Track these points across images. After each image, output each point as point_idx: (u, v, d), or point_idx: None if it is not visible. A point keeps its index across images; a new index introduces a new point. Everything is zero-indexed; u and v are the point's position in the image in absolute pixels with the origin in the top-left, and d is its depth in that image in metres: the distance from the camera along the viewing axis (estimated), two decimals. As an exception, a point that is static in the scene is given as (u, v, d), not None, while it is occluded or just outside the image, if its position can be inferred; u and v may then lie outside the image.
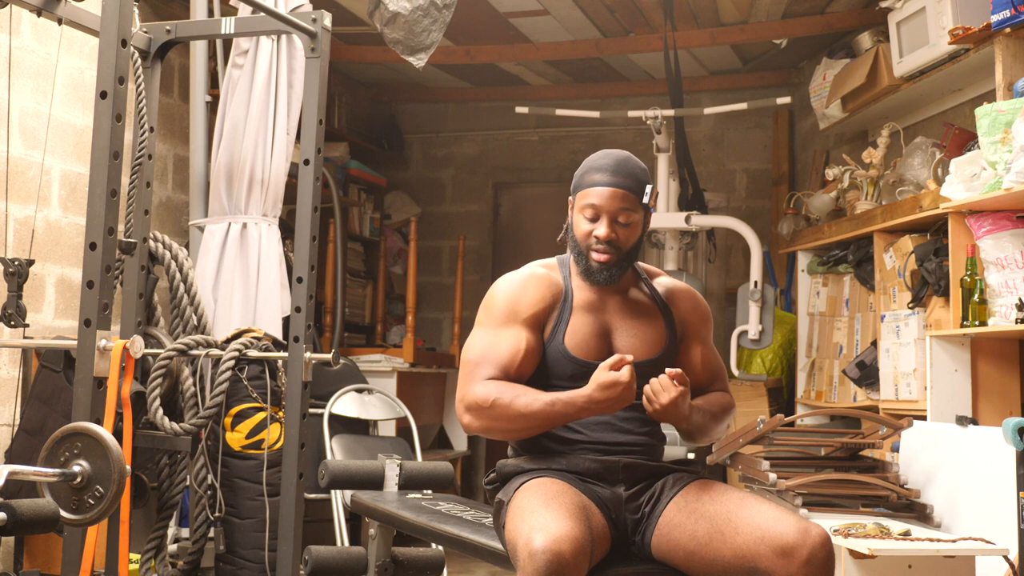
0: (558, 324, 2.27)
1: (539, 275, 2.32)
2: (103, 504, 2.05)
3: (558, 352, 2.25)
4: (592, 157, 2.33)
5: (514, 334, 2.23)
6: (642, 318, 2.33)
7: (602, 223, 2.27)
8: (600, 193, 2.26)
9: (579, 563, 1.91)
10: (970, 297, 3.40)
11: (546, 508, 1.99)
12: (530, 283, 2.30)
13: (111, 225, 2.78)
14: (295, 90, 3.98)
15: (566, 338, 2.26)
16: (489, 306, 2.30)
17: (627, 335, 2.30)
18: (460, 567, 4.67)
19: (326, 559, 2.87)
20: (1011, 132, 3.16)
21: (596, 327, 2.28)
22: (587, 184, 2.29)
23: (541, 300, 2.27)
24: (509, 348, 2.22)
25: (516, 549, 1.95)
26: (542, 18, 5.35)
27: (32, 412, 3.59)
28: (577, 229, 2.30)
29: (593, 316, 2.29)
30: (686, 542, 2.13)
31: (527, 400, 2.15)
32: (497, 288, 2.33)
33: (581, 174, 2.32)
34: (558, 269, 2.37)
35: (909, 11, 4.20)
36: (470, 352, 2.26)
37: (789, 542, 2.00)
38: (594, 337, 2.27)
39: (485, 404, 2.16)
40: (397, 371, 5.05)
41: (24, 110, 3.93)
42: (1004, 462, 2.83)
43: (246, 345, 3.41)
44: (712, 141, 6.51)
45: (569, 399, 2.14)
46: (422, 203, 6.87)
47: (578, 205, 2.30)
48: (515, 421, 2.16)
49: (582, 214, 2.29)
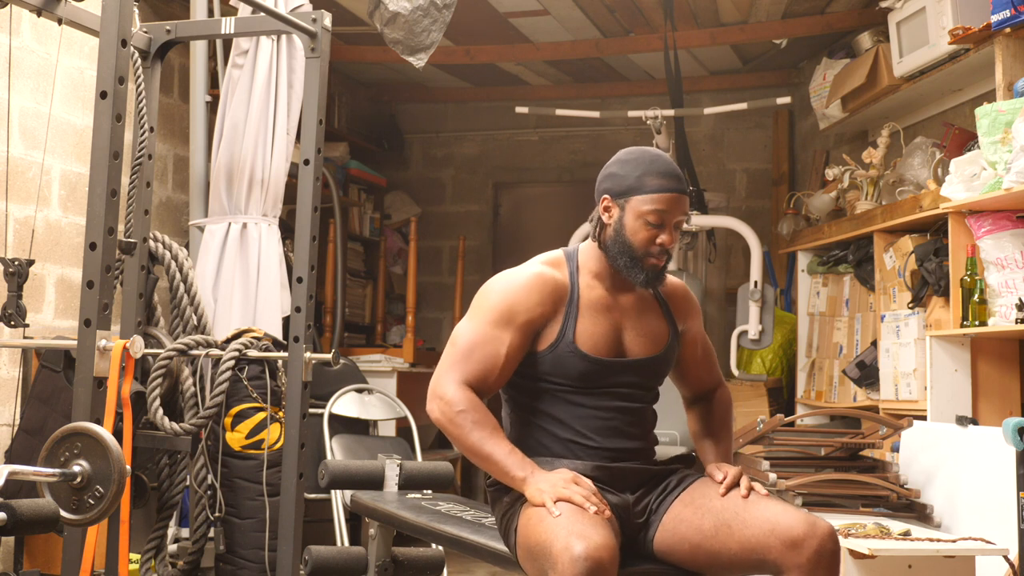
0: (566, 324, 2.23)
1: (543, 277, 2.25)
2: (103, 504, 2.05)
3: (569, 351, 2.21)
4: (638, 158, 2.25)
5: (502, 338, 2.19)
6: (648, 315, 2.32)
7: (666, 230, 2.21)
8: (667, 200, 2.19)
9: (615, 569, 1.93)
10: (970, 297, 3.40)
11: (580, 514, 2.00)
12: (532, 285, 2.23)
13: (111, 225, 2.78)
14: (295, 90, 3.98)
15: (577, 337, 2.22)
16: (485, 299, 2.25)
17: (636, 333, 2.28)
18: (460, 567, 4.67)
19: (326, 559, 2.87)
20: (1011, 132, 3.16)
21: (607, 325, 2.25)
22: (649, 189, 2.20)
23: (539, 304, 2.22)
24: (492, 353, 2.18)
25: (552, 553, 1.94)
26: (542, 18, 5.35)
27: (32, 412, 3.59)
28: (634, 235, 2.21)
29: (603, 314, 2.26)
30: (691, 536, 2.14)
31: (480, 436, 2.12)
32: (497, 284, 2.27)
33: (636, 176, 2.21)
34: (564, 265, 2.30)
35: (909, 11, 4.20)
36: (456, 340, 2.22)
37: (798, 534, 2.02)
38: (605, 335, 2.24)
39: (448, 411, 2.15)
40: (397, 371, 5.05)
41: (24, 110, 3.93)
42: (1004, 462, 2.82)
43: (246, 345, 3.41)
44: (712, 141, 6.51)
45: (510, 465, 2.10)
46: (422, 203, 6.87)
47: (636, 210, 2.20)
48: (462, 445, 2.16)
49: (642, 219, 2.20)
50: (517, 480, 2.10)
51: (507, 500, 2.24)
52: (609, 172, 2.28)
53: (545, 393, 2.26)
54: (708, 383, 2.48)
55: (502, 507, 2.25)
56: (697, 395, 2.49)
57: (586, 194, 7.16)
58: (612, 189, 2.25)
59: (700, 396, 2.48)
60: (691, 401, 2.50)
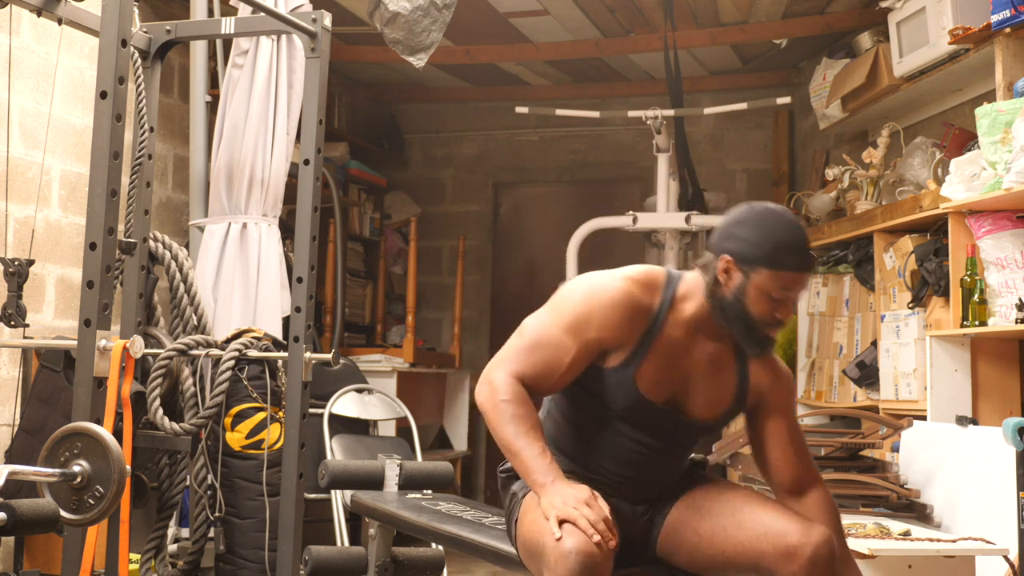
0: (634, 356, 2.12)
1: (632, 300, 2.11)
2: (103, 504, 2.05)
3: (625, 383, 2.13)
4: (771, 225, 2.08)
5: (569, 348, 2.09)
6: (720, 375, 2.19)
7: (786, 305, 2.09)
8: (797, 280, 2.07)
9: (608, 566, 1.91)
10: (970, 297, 3.40)
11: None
12: (617, 305, 2.10)
13: (111, 225, 2.78)
14: (295, 90, 3.98)
15: (638, 374, 2.12)
16: (567, 300, 2.15)
17: (698, 392, 2.17)
18: (460, 567, 4.67)
19: (326, 559, 2.87)
20: (1011, 132, 3.16)
21: (672, 374, 2.14)
22: (781, 266, 2.05)
23: (617, 328, 2.10)
24: (555, 359, 2.10)
25: (544, 548, 1.93)
26: (542, 18, 5.35)
27: (32, 412, 3.59)
28: (754, 305, 2.07)
29: (675, 361, 2.14)
30: (689, 538, 2.14)
31: (516, 430, 2.05)
32: (583, 288, 2.15)
33: (768, 248, 2.05)
34: (659, 292, 2.15)
35: (909, 11, 4.20)
36: (524, 332, 2.14)
37: (792, 541, 2.01)
38: (667, 383, 2.15)
39: (493, 398, 2.08)
40: (397, 371, 5.05)
41: (24, 110, 3.93)
42: (1004, 462, 2.82)
43: (246, 345, 3.41)
44: (712, 141, 6.51)
45: (535, 468, 2.02)
46: (422, 203, 6.87)
47: (761, 283, 2.06)
48: (497, 434, 2.09)
49: (767, 293, 2.07)
50: (537, 484, 2.02)
51: (515, 488, 2.23)
52: (734, 232, 2.10)
53: (587, 406, 2.20)
54: (797, 477, 2.25)
55: (509, 495, 2.24)
56: (787, 489, 2.26)
57: (586, 194, 7.18)
58: (737, 253, 2.08)
59: (790, 491, 2.25)
60: (781, 493, 2.27)
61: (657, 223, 4.95)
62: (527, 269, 6.71)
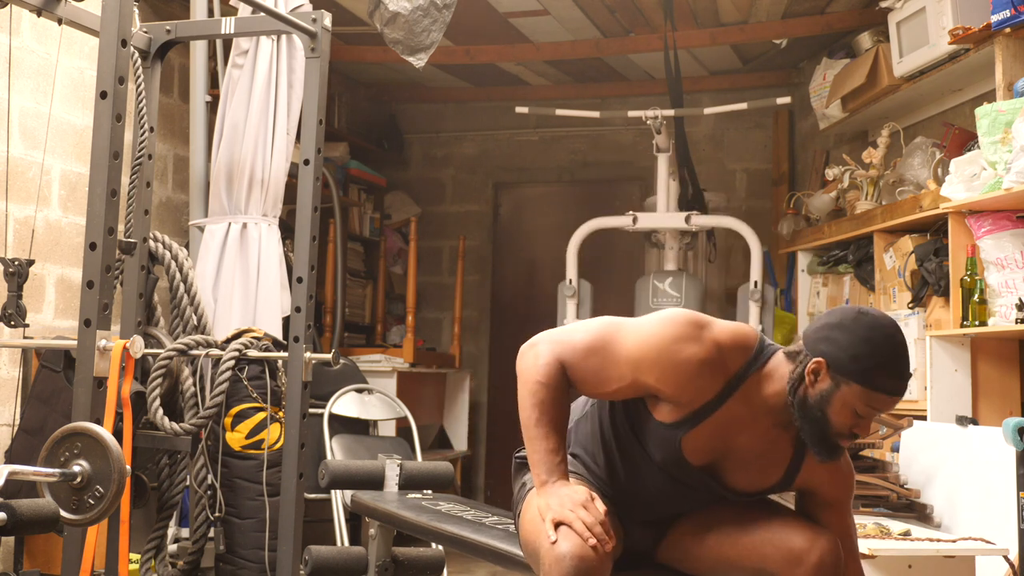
0: (688, 420, 2.01)
1: (710, 369, 1.98)
2: (103, 504, 2.05)
3: (669, 441, 2.04)
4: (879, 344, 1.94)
5: (622, 376, 2.02)
6: (770, 456, 2.09)
7: (868, 422, 1.99)
8: (889, 403, 1.96)
9: (604, 569, 1.89)
10: (970, 297, 3.40)
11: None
12: (692, 371, 1.97)
13: (111, 225, 2.78)
14: (295, 90, 3.98)
15: (686, 438, 2.02)
16: (652, 329, 2.03)
17: (742, 467, 2.08)
18: (460, 567, 4.67)
19: (326, 559, 2.88)
20: (1011, 132, 3.16)
21: (720, 446, 2.05)
22: (877, 388, 1.93)
23: (678, 389, 1.99)
24: (604, 375, 2.03)
25: (540, 550, 1.92)
26: (542, 18, 5.35)
27: (32, 412, 3.59)
28: (836, 416, 1.96)
29: (728, 433, 2.04)
30: (693, 543, 2.13)
31: (539, 416, 2.00)
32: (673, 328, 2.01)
33: (871, 367, 1.92)
34: (742, 361, 2.02)
35: (909, 11, 4.20)
36: (593, 329, 2.07)
37: (797, 547, 1.99)
38: (712, 452, 2.05)
39: (533, 373, 2.03)
40: (397, 371, 5.05)
41: (24, 110, 3.93)
42: (1004, 462, 2.82)
43: (246, 345, 3.41)
44: (712, 141, 6.50)
45: (542, 462, 1.98)
46: (422, 203, 6.87)
47: (851, 398, 1.94)
48: (522, 409, 2.03)
49: (853, 408, 1.95)
50: (539, 480, 1.99)
51: (524, 479, 2.21)
52: (835, 337, 1.96)
53: (625, 437, 2.13)
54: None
55: (518, 484, 2.23)
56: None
57: (586, 194, 7.17)
58: (834, 360, 1.95)
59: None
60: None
61: (657, 223, 4.95)
62: (527, 269, 6.71)
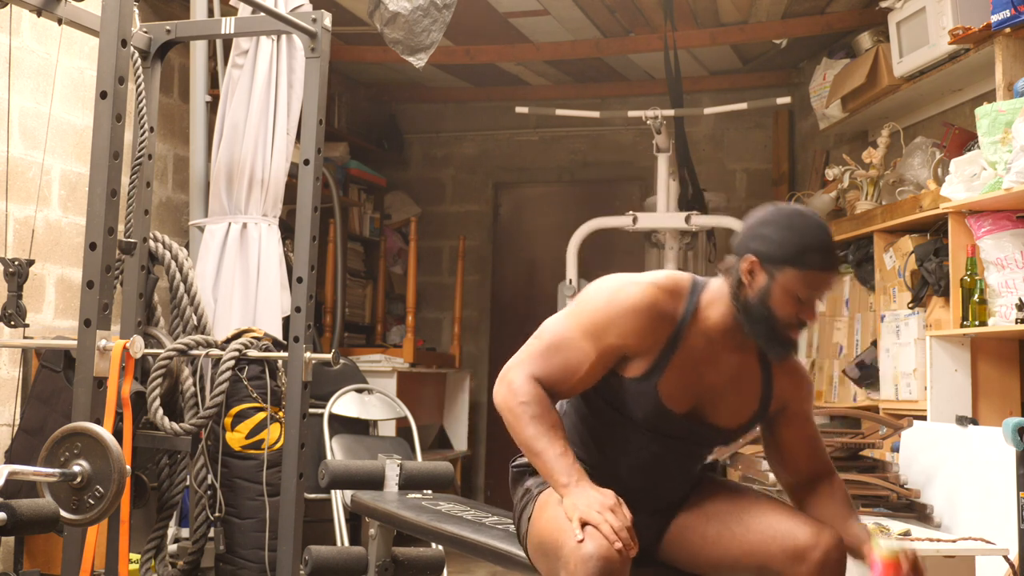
0: (656, 365, 2.08)
1: (656, 308, 2.07)
2: (103, 504, 2.05)
3: (646, 393, 2.09)
4: (797, 226, 2.04)
5: (588, 352, 2.06)
6: (744, 384, 2.16)
7: (811, 306, 2.05)
8: (823, 280, 2.04)
9: (626, 572, 1.90)
10: (970, 297, 3.40)
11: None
12: (640, 315, 2.06)
13: (111, 225, 2.78)
14: (295, 90, 3.98)
15: (662, 384, 2.08)
16: (589, 304, 2.11)
17: (722, 401, 2.14)
18: (460, 567, 4.67)
19: (326, 559, 2.88)
20: (1011, 132, 3.16)
21: (696, 383, 2.11)
22: (808, 266, 2.01)
23: (638, 336, 2.06)
24: (573, 363, 2.07)
25: (563, 550, 1.92)
26: (542, 18, 5.35)
27: (32, 412, 3.58)
28: (780, 307, 2.03)
29: (698, 371, 2.10)
30: (695, 540, 2.13)
31: (536, 431, 2.02)
32: (606, 293, 2.10)
33: (795, 247, 2.02)
34: (684, 299, 2.11)
35: (909, 11, 4.20)
36: (543, 334, 2.12)
37: (801, 544, 1.99)
38: (690, 393, 2.11)
39: (511, 400, 2.06)
40: (397, 371, 5.05)
41: (24, 110, 3.93)
42: (1004, 462, 2.82)
43: (246, 345, 3.41)
44: (712, 141, 6.50)
45: (557, 468, 1.99)
46: (422, 203, 6.87)
47: (787, 284, 2.02)
48: (518, 436, 2.06)
49: (792, 294, 2.02)
50: (560, 485, 1.99)
51: (528, 484, 2.20)
52: (760, 232, 2.06)
53: (605, 413, 2.17)
54: (812, 471, 2.25)
55: (521, 490, 2.22)
56: (799, 482, 2.26)
57: (586, 194, 7.17)
58: (762, 253, 2.04)
59: (803, 483, 2.26)
60: (793, 488, 2.28)
61: (657, 223, 4.95)
62: (527, 269, 6.71)
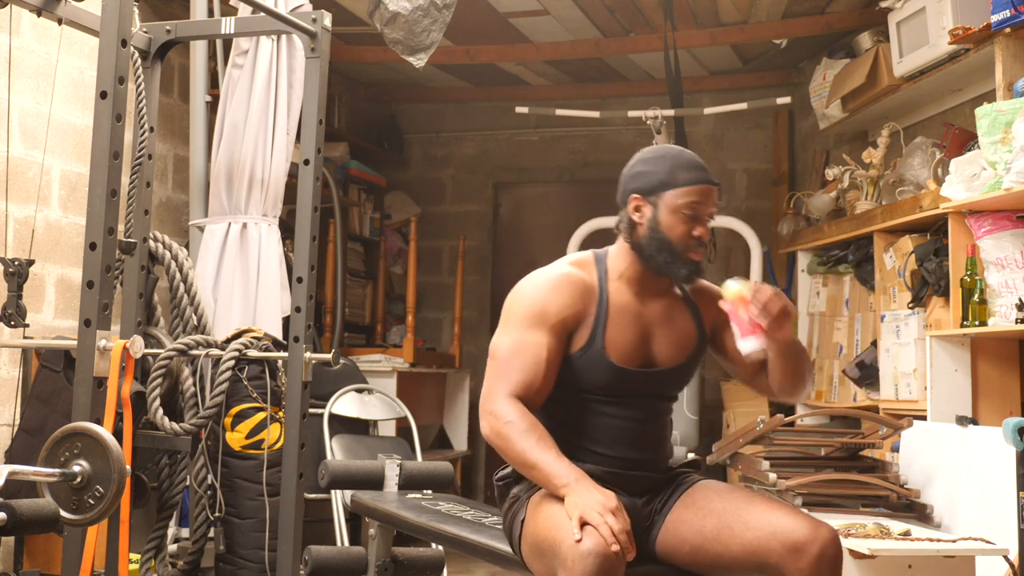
0: (596, 329, 2.18)
1: (571, 277, 2.22)
2: (103, 504, 2.05)
3: (597, 359, 2.18)
4: (663, 155, 2.22)
5: (539, 340, 2.15)
6: (677, 321, 2.28)
7: (701, 222, 2.19)
8: (701, 191, 2.18)
9: (622, 571, 1.92)
10: (970, 297, 3.40)
11: None
12: (561, 285, 2.20)
13: (111, 225, 2.78)
14: (295, 90, 3.98)
15: (607, 344, 2.18)
16: (516, 304, 2.21)
17: (665, 341, 2.25)
18: (460, 567, 4.67)
19: (326, 559, 2.88)
20: (1011, 132, 3.16)
21: (636, 333, 2.21)
22: (683, 182, 2.18)
23: (571, 305, 2.18)
24: (533, 358, 2.14)
25: (561, 548, 1.93)
26: (542, 18, 5.35)
27: (32, 412, 3.59)
28: (671, 230, 2.18)
29: (632, 321, 2.22)
30: (692, 537, 2.14)
31: (526, 445, 2.07)
32: (525, 287, 2.23)
33: (666, 171, 2.19)
34: (593, 267, 2.27)
35: (909, 11, 4.20)
36: (495, 353, 2.19)
37: (800, 539, 2.01)
38: (634, 344, 2.21)
39: (496, 424, 2.11)
40: (397, 371, 5.05)
41: (24, 110, 3.93)
42: (1004, 462, 2.82)
43: (246, 345, 3.41)
44: (712, 141, 6.51)
45: (554, 471, 2.03)
46: (422, 203, 6.87)
47: (670, 205, 2.18)
48: (510, 456, 2.11)
49: (679, 213, 2.18)
50: (560, 487, 2.02)
51: (516, 491, 2.22)
52: (635, 172, 2.24)
53: (566, 399, 2.23)
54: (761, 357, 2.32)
55: (510, 500, 2.24)
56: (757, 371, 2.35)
57: (586, 194, 7.17)
58: (642, 187, 2.21)
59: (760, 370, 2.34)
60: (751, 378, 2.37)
61: (657, 223, 4.94)
62: (527, 269, 6.58)
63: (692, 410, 4.87)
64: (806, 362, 2.28)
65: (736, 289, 2.14)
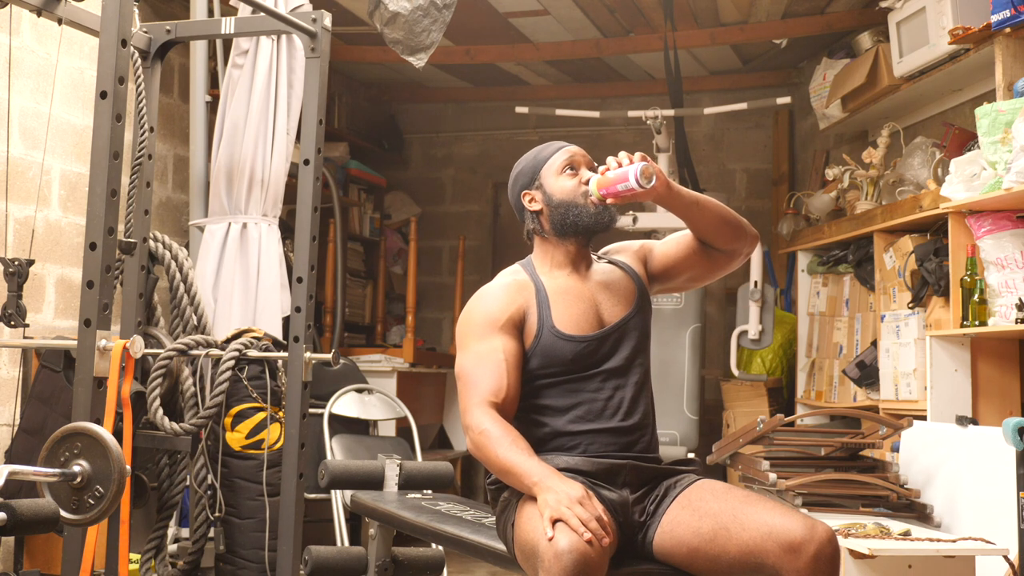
0: (541, 314, 2.29)
1: (504, 283, 2.34)
2: (103, 504, 2.05)
3: (552, 337, 2.26)
4: (527, 152, 2.47)
5: (494, 346, 2.23)
6: (614, 284, 2.38)
7: (583, 171, 2.36)
8: (567, 151, 2.38)
9: (603, 563, 1.93)
10: (970, 297, 3.40)
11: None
12: (497, 292, 2.32)
13: (111, 225, 2.78)
14: (295, 90, 3.98)
15: (556, 321, 2.27)
16: (465, 324, 2.31)
17: (609, 303, 2.35)
18: (460, 567, 4.67)
19: (326, 559, 2.87)
20: (1011, 132, 3.16)
21: (581, 305, 2.31)
22: (548, 154, 2.40)
23: (513, 302, 2.29)
24: (494, 363, 2.22)
25: (538, 548, 1.94)
26: (542, 18, 5.35)
27: (32, 412, 3.59)
28: (563, 191, 2.35)
29: (575, 297, 2.32)
30: (689, 538, 2.13)
31: (500, 450, 2.12)
32: (467, 309, 2.34)
33: (532, 157, 2.43)
34: (522, 271, 2.40)
35: (909, 11, 4.20)
36: (460, 373, 2.26)
37: (797, 538, 2.01)
38: (583, 314, 2.30)
39: (473, 436, 2.17)
40: (397, 371, 5.05)
41: (24, 110, 3.93)
42: (1004, 462, 2.83)
43: (246, 345, 3.41)
44: (712, 141, 6.51)
45: (526, 470, 2.07)
46: (422, 203, 6.87)
47: (550, 175, 2.37)
48: (489, 463, 2.16)
49: (561, 175, 2.36)
50: (531, 485, 2.05)
51: (506, 496, 2.23)
52: (513, 179, 2.45)
53: (541, 388, 2.27)
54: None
55: (501, 503, 2.25)
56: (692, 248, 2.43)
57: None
58: (524, 183, 2.42)
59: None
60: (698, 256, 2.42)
61: (657, 223, 4.95)
62: (527, 269, 6.70)
63: (692, 410, 4.87)
64: (717, 205, 2.36)
65: (596, 177, 2.31)
